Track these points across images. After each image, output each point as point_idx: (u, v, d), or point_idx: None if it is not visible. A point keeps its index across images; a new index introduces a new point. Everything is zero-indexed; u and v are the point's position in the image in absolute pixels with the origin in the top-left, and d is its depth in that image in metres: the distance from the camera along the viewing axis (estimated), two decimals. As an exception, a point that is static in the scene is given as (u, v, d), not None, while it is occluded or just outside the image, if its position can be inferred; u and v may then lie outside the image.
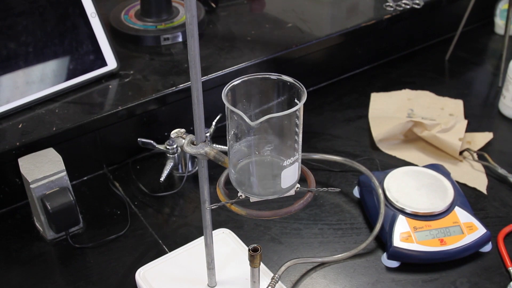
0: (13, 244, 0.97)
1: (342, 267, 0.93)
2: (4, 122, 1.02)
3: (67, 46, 1.08)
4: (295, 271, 0.92)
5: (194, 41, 0.63)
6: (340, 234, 0.99)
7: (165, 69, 1.16)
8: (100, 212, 1.03)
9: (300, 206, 0.67)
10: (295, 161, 0.66)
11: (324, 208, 1.04)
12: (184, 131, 0.77)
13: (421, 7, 1.37)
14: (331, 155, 1.10)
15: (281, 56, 1.22)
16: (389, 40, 1.42)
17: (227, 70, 1.16)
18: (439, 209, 0.94)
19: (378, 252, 0.96)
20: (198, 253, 0.88)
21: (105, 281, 0.91)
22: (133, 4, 1.31)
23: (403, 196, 0.96)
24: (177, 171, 1.11)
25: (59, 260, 0.95)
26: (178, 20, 1.26)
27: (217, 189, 0.70)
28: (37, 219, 0.98)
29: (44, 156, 0.95)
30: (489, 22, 1.58)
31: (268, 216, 0.67)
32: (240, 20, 1.33)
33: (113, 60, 1.12)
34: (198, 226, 0.99)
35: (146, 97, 1.08)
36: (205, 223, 0.79)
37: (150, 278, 0.88)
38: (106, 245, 0.97)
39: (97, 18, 1.10)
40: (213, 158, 0.70)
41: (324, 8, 1.38)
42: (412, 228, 0.92)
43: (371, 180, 1.00)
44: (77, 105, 1.06)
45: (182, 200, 1.06)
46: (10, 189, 1.02)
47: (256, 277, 0.74)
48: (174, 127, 0.86)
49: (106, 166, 1.12)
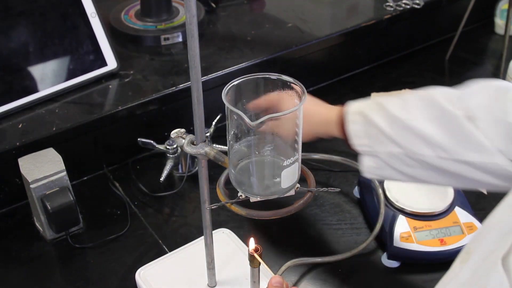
0: (13, 244, 0.97)
1: (342, 267, 0.93)
2: (4, 122, 1.02)
3: (67, 46, 1.08)
4: (295, 271, 0.92)
5: (194, 41, 0.63)
6: (340, 234, 0.99)
7: (165, 69, 1.16)
8: (100, 212, 1.03)
9: (300, 206, 0.67)
10: (295, 161, 0.66)
11: (324, 208, 1.04)
12: (184, 131, 0.77)
13: (421, 7, 1.37)
14: (331, 155, 1.10)
15: (281, 56, 1.22)
16: (389, 40, 1.42)
17: (227, 70, 1.16)
18: (439, 209, 0.94)
19: (378, 252, 0.96)
20: (198, 253, 0.88)
21: (105, 281, 0.91)
22: (133, 4, 1.31)
23: (403, 196, 0.96)
24: (177, 171, 1.11)
25: (59, 260, 0.95)
26: (178, 20, 1.26)
27: (217, 189, 0.70)
28: (37, 219, 0.98)
29: (44, 156, 0.95)
30: (489, 22, 1.58)
31: (268, 216, 0.67)
32: (240, 20, 1.33)
33: (113, 60, 1.12)
34: (198, 226, 0.99)
35: (146, 97, 1.08)
36: (205, 223, 0.79)
37: (150, 278, 0.88)
38: (106, 245, 0.97)
39: (97, 18, 1.10)
40: (213, 158, 0.70)
41: (324, 8, 1.38)
42: (412, 228, 0.92)
43: (371, 180, 1.00)
44: (77, 105, 1.06)
45: (182, 200, 1.06)
46: (10, 189, 1.02)
47: (256, 277, 0.74)
48: (174, 127, 0.86)
49: (106, 166, 1.12)
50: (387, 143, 0.76)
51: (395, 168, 0.77)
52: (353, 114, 0.80)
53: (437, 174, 0.75)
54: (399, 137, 0.75)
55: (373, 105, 0.79)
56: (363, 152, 0.79)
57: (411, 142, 0.74)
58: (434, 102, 0.74)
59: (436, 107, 0.74)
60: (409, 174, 0.77)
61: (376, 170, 0.79)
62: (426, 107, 0.74)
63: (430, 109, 0.74)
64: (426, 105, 0.75)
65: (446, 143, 0.72)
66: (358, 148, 0.79)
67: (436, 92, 0.76)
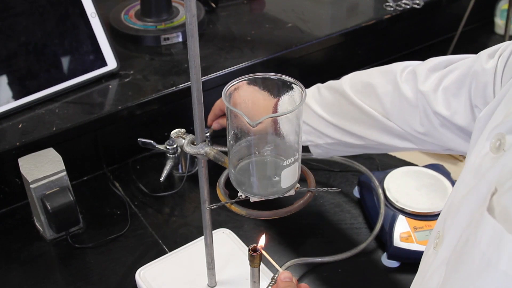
0: (13, 244, 0.97)
1: (342, 267, 0.93)
2: (4, 122, 1.02)
3: (67, 46, 1.08)
4: (295, 271, 0.92)
5: (194, 41, 0.63)
6: (340, 234, 0.99)
7: (165, 69, 1.16)
8: (100, 212, 1.03)
9: (300, 206, 0.67)
10: (295, 161, 0.66)
11: (324, 208, 1.04)
12: (184, 131, 0.77)
13: (421, 7, 1.37)
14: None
15: (281, 56, 1.22)
16: (389, 40, 1.42)
17: (227, 70, 1.16)
18: (439, 209, 0.94)
19: (378, 252, 0.96)
20: (198, 253, 0.88)
21: (105, 281, 0.91)
22: (133, 4, 1.31)
23: (403, 196, 0.96)
24: (177, 171, 1.11)
25: (59, 260, 0.95)
26: (178, 20, 1.26)
27: (217, 189, 0.70)
28: (37, 219, 0.98)
29: (44, 156, 0.95)
30: (489, 22, 1.58)
31: (268, 216, 0.67)
32: (240, 20, 1.33)
33: (113, 60, 1.12)
34: (198, 226, 0.99)
35: (146, 97, 1.08)
36: (205, 223, 0.79)
37: (150, 278, 0.88)
38: (106, 245, 0.97)
39: (97, 18, 1.10)
40: (213, 158, 0.70)
41: (324, 8, 1.38)
42: (412, 228, 0.92)
43: (371, 180, 1.00)
44: (77, 105, 1.06)
45: (182, 200, 1.06)
46: (10, 189, 1.02)
47: (256, 277, 0.74)
48: (174, 127, 0.86)
49: (106, 166, 1.12)
50: (322, 136, 0.95)
51: (338, 150, 0.97)
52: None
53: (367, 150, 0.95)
54: (328, 132, 0.94)
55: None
56: (309, 146, 0.98)
57: (337, 135, 0.93)
58: (344, 94, 0.91)
59: (343, 100, 0.92)
60: (351, 152, 0.98)
61: (324, 154, 1.00)
62: (338, 104, 0.92)
63: (340, 103, 0.92)
64: (338, 100, 0.92)
65: (364, 134, 0.90)
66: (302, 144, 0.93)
67: (345, 83, 0.92)
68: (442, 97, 0.81)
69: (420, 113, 0.84)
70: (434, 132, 0.84)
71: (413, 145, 0.89)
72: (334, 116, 0.93)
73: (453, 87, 0.80)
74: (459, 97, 0.79)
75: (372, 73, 0.92)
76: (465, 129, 0.80)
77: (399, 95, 0.86)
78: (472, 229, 0.51)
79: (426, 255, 0.63)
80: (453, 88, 0.80)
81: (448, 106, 0.81)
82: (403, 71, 0.88)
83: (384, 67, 0.91)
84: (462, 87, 0.79)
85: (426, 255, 0.63)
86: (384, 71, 0.90)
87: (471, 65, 0.79)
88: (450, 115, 0.80)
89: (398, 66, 0.89)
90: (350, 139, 0.93)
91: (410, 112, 0.85)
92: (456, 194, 0.59)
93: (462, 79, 0.79)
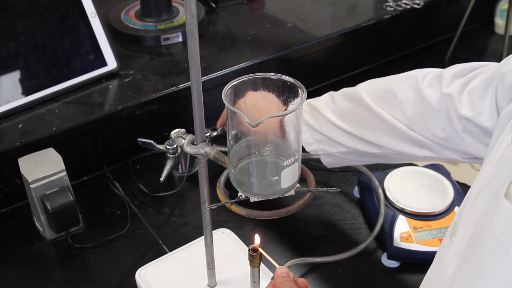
0: (13, 244, 0.97)
1: (342, 267, 0.93)
2: (4, 122, 1.02)
3: (67, 46, 1.08)
4: (295, 271, 0.92)
5: (194, 41, 0.63)
6: (340, 234, 0.99)
7: (165, 69, 1.16)
8: (100, 212, 1.03)
9: (300, 206, 0.67)
10: (295, 161, 0.66)
11: (324, 208, 1.04)
12: (184, 131, 0.77)
13: (421, 7, 1.37)
14: (331, 155, 1.09)
15: (281, 56, 1.22)
16: (389, 40, 1.42)
17: (227, 70, 1.16)
18: (439, 209, 0.94)
19: (378, 252, 0.96)
20: (198, 253, 0.88)
21: (105, 281, 0.91)
22: (133, 4, 1.31)
23: (403, 196, 0.96)
24: (177, 171, 1.11)
25: (59, 260, 0.95)
26: (178, 20, 1.26)
27: (217, 189, 0.70)
28: (37, 219, 0.98)
29: (44, 156, 0.95)
30: (489, 22, 1.58)
31: (268, 216, 0.67)
32: (240, 20, 1.33)
33: (113, 60, 1.12)
34: (198, 226, 0.99)
35: (146, 97, 1.08)
36: (205, 223, 0.79)
37: (150, 278, 0.88)
38: (106, 245, 0.97)
39: (97, 18, 1.10)
40: (213, 158, 0.70)
41: (324, 8, 1.38)
42: (412, 228, 0.92)
43: (371, 180, 1.00)
44: (77, 105, 1.06)
45: (182, 200, 1.06)
46: (10, 189, 1.02)
47: (256, 277, 0.74)
48: (174, 127, 0.86)
49: (106, 166, 1.12)
50: (335, 145, 0.94)
51: (351, 159, 0.96)
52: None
53: (381, 159, 0.93)
54: (342, 141, 0.92)
55: (312, 112, 0.96)
56: (320, 155, 0.97)
57: (352, 143, 0.92)
58: (361, 101, 0.90)
59: (361, 108, 0.90)
60: (364, 161, 0.96)
61: (335, 164, 0.98)
62: (354, 111, 0.91)
63: (356, 110, 0.91)
64: (354, 107, 0.91)
65: (380, 142, 0.89)
66: (314, 153, 0.97)
67: (362, 90, 0.91)
68: (467, 99, 0.79)
69: (442, 117, 0.82)
70: (455, 138, 0.82)
71: (431, 153, 0.87)
72: (350, 124, 0.91)
73: (479, 89, 0.78)
74: (484, 99, 0.78)
75: (391, 79, 0.91)
76: (488, 130, 0.78)
77: (421, 101, 0.84)
78: (488, 216, 0.51)
79: (442, 246, 0.63)
80: (479, 91, 0.78)
81: (472, 107, 0.79)
82: (425, 77, 0.86)
83: (404, 74, 0.90)
84: (488, 89, 0.78)
85: (442, 245, 0.63)
86: (404, 77, 0.89)
87: (498, 69, 0.77)
88: (474, 115, 0.78)
89: (419, 72, 0.88)
90: (365, 147, 0.91)
91: (432, 117, 0.83)
92: (474, 187, 0.59)
93: (488, 82, 0.78)
